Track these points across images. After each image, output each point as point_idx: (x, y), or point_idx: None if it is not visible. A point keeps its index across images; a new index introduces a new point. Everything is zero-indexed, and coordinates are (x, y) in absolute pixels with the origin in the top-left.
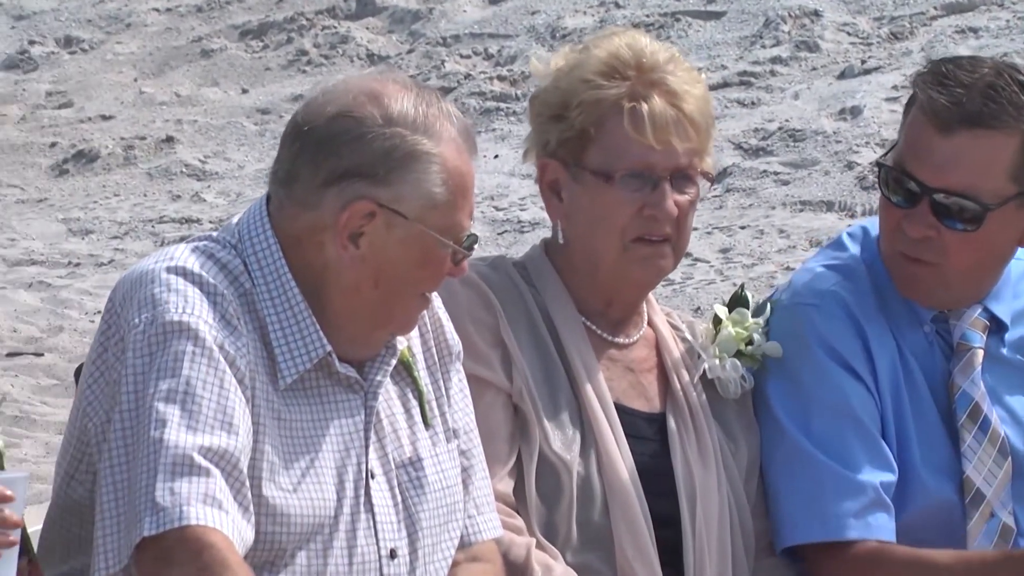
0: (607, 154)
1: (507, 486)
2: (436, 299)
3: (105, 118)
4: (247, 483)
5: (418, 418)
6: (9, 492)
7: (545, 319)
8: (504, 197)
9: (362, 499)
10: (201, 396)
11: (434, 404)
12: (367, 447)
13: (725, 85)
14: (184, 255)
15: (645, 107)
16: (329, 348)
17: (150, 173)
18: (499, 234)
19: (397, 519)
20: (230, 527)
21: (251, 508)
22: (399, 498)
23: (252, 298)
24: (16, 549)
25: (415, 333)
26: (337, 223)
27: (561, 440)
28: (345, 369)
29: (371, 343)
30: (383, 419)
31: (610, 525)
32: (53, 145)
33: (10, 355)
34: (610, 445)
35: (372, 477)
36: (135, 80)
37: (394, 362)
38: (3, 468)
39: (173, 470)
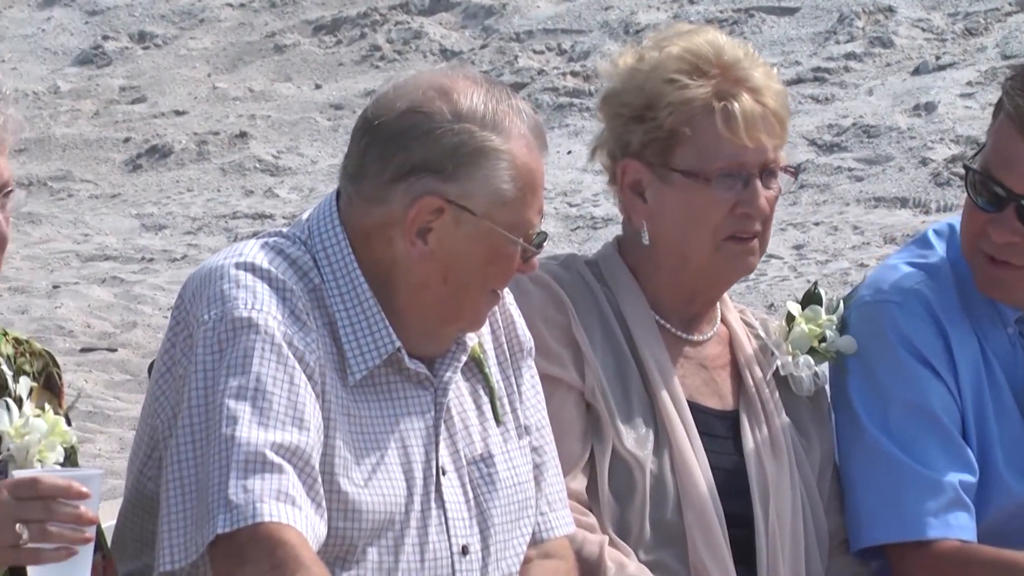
0: (699, 154)
1: (580, 484)
2: (508, 295)
3: (178, 113)
4: (319, 479)
5: (489, 415)
6: (84, 489)
7: (617, 317)
8: (577, 193)
9: (433, 495)
10: (271, 392)
11: (505, 401)
12: (437, 443)
13: (799, 81)
14: (253, 251)
15: (736, 105)
16: (398, 344)
17: (223, 168)
18: (572, 230)
19: (469, 515)
20: (303, 523)
21: (323, 504)
22: (471, 494)
23: (321, 294)
24: (91, 546)
25: (486, 330)
26: (405, 219)
27: (634, 438)
28: (415, 365)
29: (440, 339)
30: (454, 415)
31: (683, 523)
32: (127, 140)
33: (84, 350)
34: (683, 443)
35: (443, 474)
36: (208, 75)
37: (464, 359)
38: (77, 464)
39: (246, 467)
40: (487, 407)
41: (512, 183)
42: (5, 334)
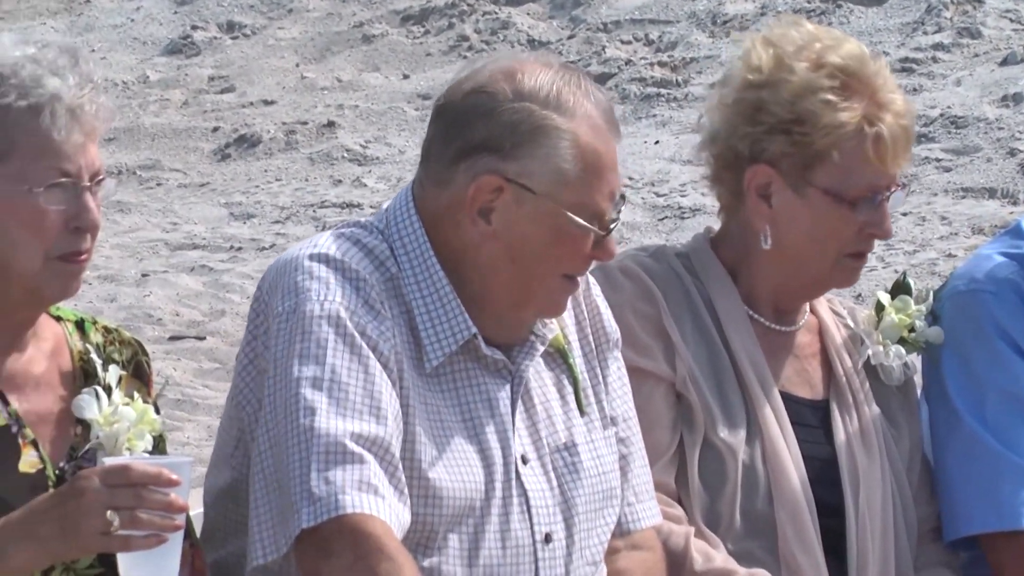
0: (843, 176)
1: (668, 475)
2: (595, 287)
3: (267, 103)
4: (400, 466)
5: (573, 404)
6: (174, 476)
7: (708, 308)
8: (664, 183)
9: (513, 483)
10: (347, 383)
11: (590, 392)
12: (514, 431)
13: None
14: (327, 242)
15: (885, 131)
16: (474, 330)
17: (311, 158)
18: (659, 220)
19: (552, 503)
20: (387, 512)
21: (406, 491)
22: (554, 482)
23: (398, 282)
24: (181, 533)
25: (570, 321)
26: (466, 198)
27: (727, 427)
28: (492, 352)
29: (516, 325)
30: (536, 404)
31: (773, 513)
32: (215, 130)
33: (172, 339)
34: (775, 432)
35: (525, 462)
36: (297, 65)
37: (543, 348)
38: (165, 452)
39: (326, 458)
40: (571, 397)
41: (574, 163)
42: (95, 322)
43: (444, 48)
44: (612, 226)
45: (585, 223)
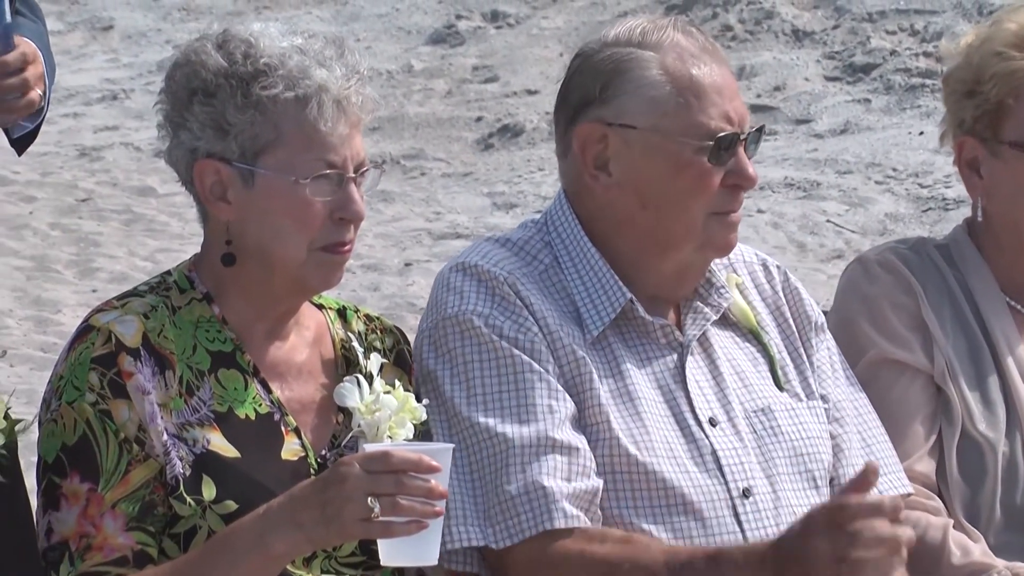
0: None
1: (927, 467)
2: (791, 275)
3: (530, 92)
4: (577, 452)
5: (770, 380)
6: (435, 463)
7: (968, 300)
8: (928, 174)
9: (700, 442)
10: (496, 393)
11: (790, 369)
12: (688, 396)
13: None
14: (471, 250)
15: None
16: (629, 295)
17: None
18: (923, 212)
19: (748, 461)
20: (582, 516)
21: (593, 474)
22: (752, 442)
23: (556, 270)
24: (441, 520)
25: (762, 307)
26: (580, 157)
27: (986, 420)
28: (655, 319)
29: (679, 273)
30: (724, 372)
31: None
32: (479, 119)
33: None
34: None
35: (714, 424)
36: (560, 55)
37: (713, 317)
38: (431, 439)
39: (517, 467)
40: (766, 371)
41: (668, 88)
42: (357, 311)
43: None
44: (731, 141)
45: (699, 142)
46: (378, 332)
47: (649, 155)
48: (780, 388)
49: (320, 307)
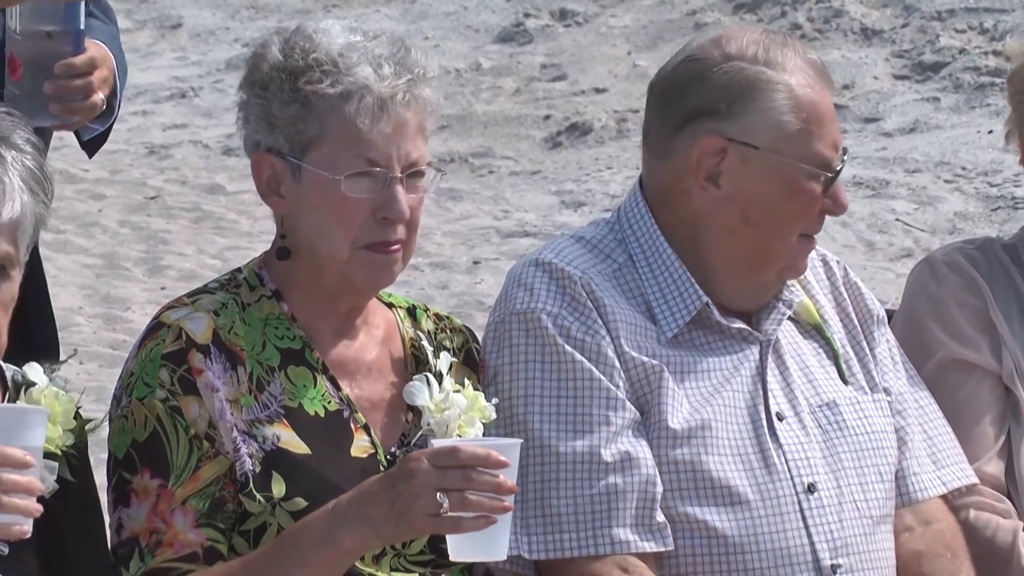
0: None
1: (996, 468)
2: (848, 271)
3: (598, 91)
4: (640, 467)
5: (834, 373)
6: (503, 458)
7: None
8: (998, 173)
9: (768, 438)
10: (556, 397)
11: (854, 363)
12: (765, 392)
13: None
14: (548, 247)
15: None
16: (706, 299)
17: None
18: (992, 211)
19: (814, 456)
20: (630, 543)
21: (648, 484)
22: (818, 437)
23: (629, 269)
24: (510, 515)
25: (826, 301)
26: (691, 165)
27: None
28: (729, 321)
29: (758, 289)
30: (790, 367)
31: None
32: (547, 118)
33: None
34: None
35: (780, 419)
36: (628, 53)
37: (788, 312)
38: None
39: (565, 482)
40: (830, 366)
41: (792, 114)
42: (426, 310)
43: None
44: (838, 169)
45: (817, 170)
46: (448, 331)
47: (765, 176)
48: (845, 382)
49: (390, 306)
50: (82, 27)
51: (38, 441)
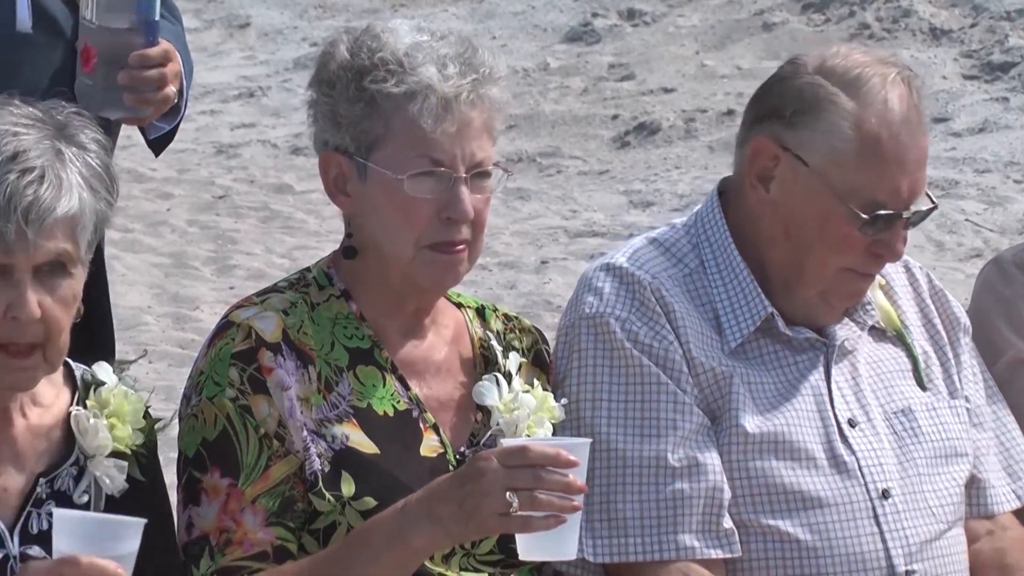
0: None
1: None
2: (935, 279)
3: (666, 91)
4: (708, 473)
5: (912, 380)
6: (572, 457)
7: None
8: None
9: (840, 444)
10: (622, 402)
11: (935, 369)
12: (831, 398)
13: None
14: (621, 249)
15: None
16: (771, 309)
17: (711, 146)
18: None
19: (888, 462)
20: (695, 549)
21: (716, 490)
22: (892, 443)
23: (701, 274)
24: (580, 515)
25: (909, 308)
26: (747, 161)
27: None
28: (795, 332)
29: (818, 308)
30: (864, 373)
31: None
32: (615, 117)
33: None
34: None
35: (853, 425)
36: (696, 53)
37: (860, 332)
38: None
39: (632, 486)
40: (910, 372)
41: (852, 144)
42: (495, 310)
43: (845, 36)
44: (889, 222)
45: (854, 209)
46: (517, 332)
47: (808, 195)
48: (923, 388)
49: (459, 306)
50: (157, 18)
51: (131, 549)
